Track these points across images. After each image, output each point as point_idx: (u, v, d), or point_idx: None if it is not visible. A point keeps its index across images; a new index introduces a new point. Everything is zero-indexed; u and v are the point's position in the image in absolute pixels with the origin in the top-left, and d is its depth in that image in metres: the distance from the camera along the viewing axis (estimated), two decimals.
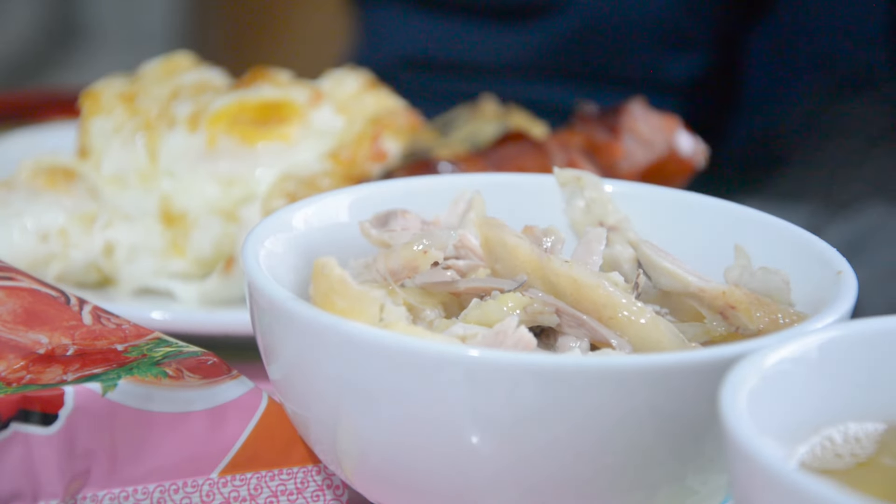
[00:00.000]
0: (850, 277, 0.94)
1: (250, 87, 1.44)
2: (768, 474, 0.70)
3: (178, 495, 0.96)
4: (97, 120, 1.44)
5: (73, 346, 1.00)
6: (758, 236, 1.03)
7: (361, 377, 0.86)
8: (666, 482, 0.88)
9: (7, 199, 1.37)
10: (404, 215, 1.05)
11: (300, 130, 1.40)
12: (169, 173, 1.39)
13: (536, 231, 1.03)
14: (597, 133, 1.41)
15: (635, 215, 1.08)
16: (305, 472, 0.99)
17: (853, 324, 0.84)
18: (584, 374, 0.83)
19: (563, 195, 1.10)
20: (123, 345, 1.01)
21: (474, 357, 0.83)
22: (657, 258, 1.00)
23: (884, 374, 0.84)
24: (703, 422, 0.84)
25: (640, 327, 0.92)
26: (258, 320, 0.94)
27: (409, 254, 0.97)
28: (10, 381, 0.95)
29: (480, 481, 0.87)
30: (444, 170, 1.34)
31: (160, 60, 1.52)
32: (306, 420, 0.93)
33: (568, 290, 0.94)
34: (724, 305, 0.97)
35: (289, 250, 1.01)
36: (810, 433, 0.81)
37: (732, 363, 0.79)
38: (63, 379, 0.95)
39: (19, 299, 1.04)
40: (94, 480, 0.95)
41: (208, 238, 1.35)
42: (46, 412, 0.93)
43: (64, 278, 1.35)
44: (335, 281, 0.90)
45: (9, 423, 0.92)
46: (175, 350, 1.00)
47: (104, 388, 0.94)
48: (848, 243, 0.97)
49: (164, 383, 0.96)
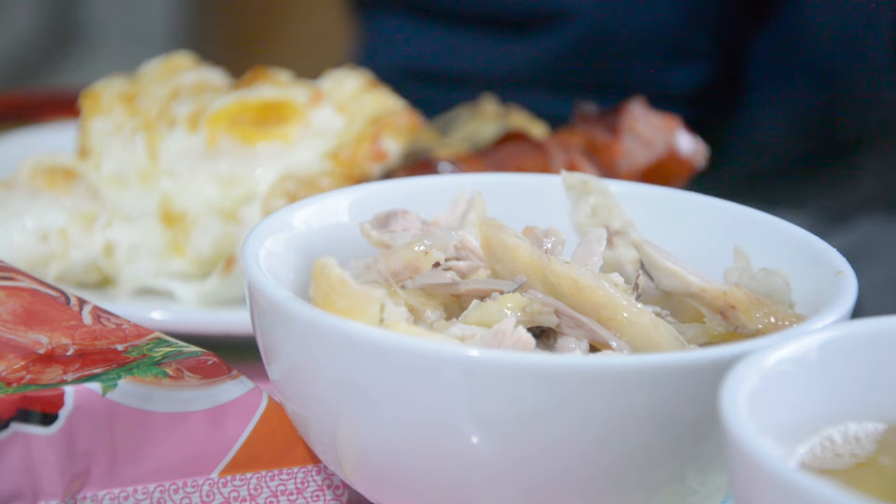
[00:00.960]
0: (850, 277, 0.94)
1: (250, 87, 1.44)
2: (768, 474, 0.70)
3: (178, 495, 0.96)
4: (97, 120, 1.44)
5: (73, 346, 1.00)
6: (758, 236, 1.03)
7: (361, 377, 0.86)
8: (666, 482, 0.88)
9: (7, 199, 1.37)
10: (404, 216, 1.05)
11: (300, 130, 1.40)
12: (169, 173, 1.39)
13: (537, 232, 1.03)
14: (597, 133, 1.41)
15: (635, 215, 1.08)
16: (305, 472, 0.99)
17: (853, 324, 0.84)
18: (584, 375, 0.83)
19: (569, 198, 1.10)
20: (123, 345, 1.01)
21: (474, 357, 0.83)
22: (660, 258, 1.00)
23: (884, 375, 0.84)
24: (703, 422, 0.84)
25: (639, 329, 0.92)
26: (258, 320, 0.94)
27: (410, 254, 0.97)
28: (10, 381, 0.95)
29: (480, 481, 0.87)
30: (444, 170, 1.34)
31: (160, 60, 1.52)
32: (306, 420, 0.93)
33: (568, 291, 0.94)
34: (724, 305, 0.97)
35: (289, 250, 1.01)
36: (810, 433, 0.81)
37: (732, 363, 0.79)
38: (63, 379, 0.95)
39: (19, 299, 1.04)
40: (94, 480, 0.95)
41: (208, 238, 1.35)
42: (46, 412, 0.93)
43: (64, 278, 1.35)
44: (335, 281, 0.90)
45: (9, 423, 0.92)
46: (175, 350, 1.00)
47: (104, 388, 0.94)
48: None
49: (164, 383, 0.96)
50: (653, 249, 1.01)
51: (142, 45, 3.29)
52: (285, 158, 1.39)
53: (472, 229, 1.03)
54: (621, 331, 0.93)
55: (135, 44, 3.46)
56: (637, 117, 1.42)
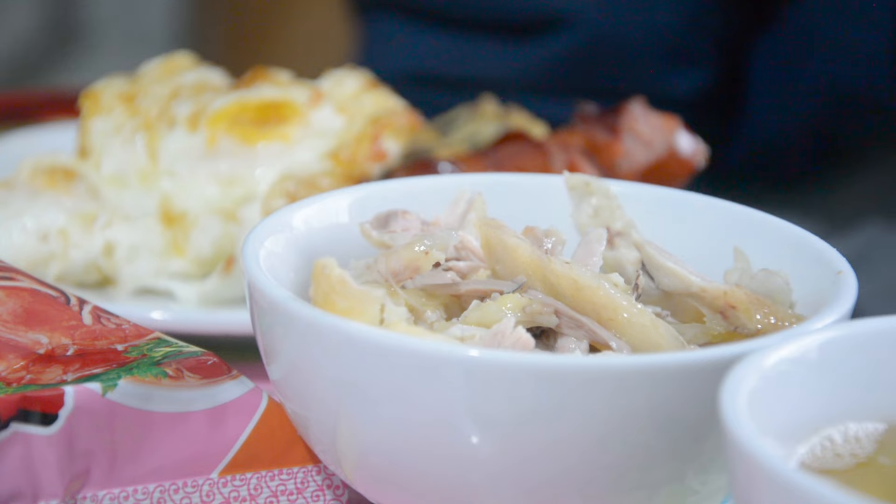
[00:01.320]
0: (850, 277, 0.94)
1: (250, 87, 1.44)
2: (768, 474, 0.70)
3: (178, 495, 0.96)
4: (97, 120, 1.44)
5: (73, 346, 1.00)
6: (758, 236, 1.03)
7: (361, 377, 0.86)
8: (666, 482, 0.88)
9: (7, 199, 1.37)
10: (404, 216, 1.05)
11: (300, 130, 1.40)
12: (169, 173, 1.39)
13: (537, 232, 1.03)
14: (597, 133, 1.41)
15: (636, 215, 1.08)
16: (305, 472, 0.99)
17: (853, 324, 0.84)
18: (584, 375, 0.83)
19: (571, 199, 1.09)
20: (123, 345, 1.01)
21: (474, 357, 0.83)
22: (661, 258, 1.00)
23: (884, 375, 0.84)
24: (703, 422, 0.84)
25: (639, 329, 0.92)
26: (258, 320, 0.94)
27: (410, 254, 0.97)
28: (10, 381, 0.95)
29: (480, 481, 0.87)
30: (444, 170, 1.34)
31: (160, 60, 1.52)
32: (306, 420, 0.93)
33: (568, 291, 0.94)
34: (724, 305, 0.97)
35: (289, 250, 1.01)
36: (810, 433, 0.81)
37: (732, 363, 0.79)
38: (63, 379, 0.95)
39: (19, 299, 1.04)
40: (94, 480, 0.95)
41: (208, 238, 1.35)
42: (46, 412, 0.93)
43: (64, 278, 1.35)
44: (336, 281, 0.90)
45: (9, 423, 0.92)
46: (175, 350, 1.00)
47: (104, 388, 0.94)
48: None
49: (164, 383, 0.96)
50: (654, 250, 1.01)
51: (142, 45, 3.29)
52: (285, 158, 1.39)
53: (472, 229, 1.03)
54: (621, 331, 0.93)
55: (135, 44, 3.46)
56: (637, 117, 1.42)
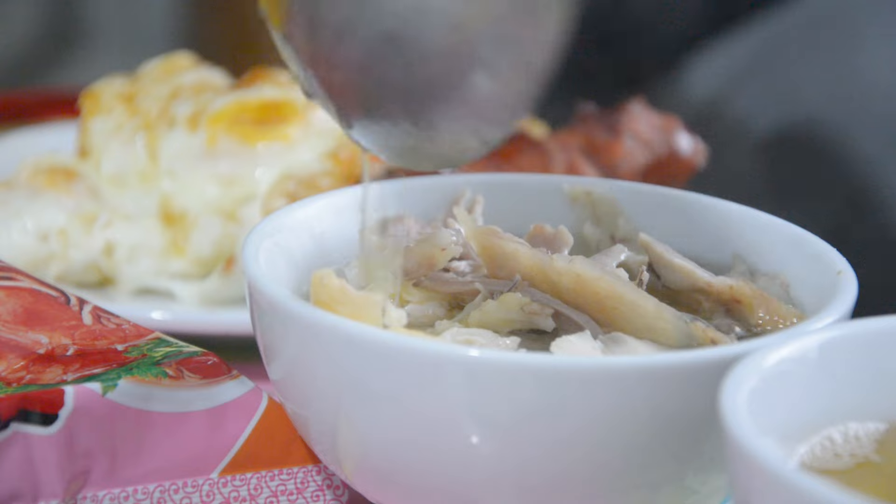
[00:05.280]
0: (850, 277, 0.94)
1: (250, 87, 1.44)
2: (768, 474, 0.70)
3: (178, 495, 0.96)
4: (97, 120, 1.44)
5: (73, 346, 1.00)
6: (758, 236, 1.03)
7: (361, 377, 0.86)
8: (665, 482, 0.88)
9: (7, 199, 1.37)
10: (402, 221, 1.05)
11: (300, 130, 1.40)
12: (169, 173, 1.39)
13: (546, 231, 1.03)
14: (597, 133, 1.41)
15: (636, 215, 1.08)
16: (305, 472, 0.99)
17: (853, 324, 0.84)
18: (584, 374, 0.83)
19: (573, 209, 1.09)
20: (123, 345, 1.01)
21: (474, 357, 0.83)
22: (670, 256, 1.00)
23: (884, 374, 0.84)
24: (703, 422, 0.84)
25: (643, 314, 0.92)
26: (258, 320, 0.94)
27: (426, 250, 0.97)
28: (10, 381, 0.95)
29: (480, 481, 0.87)
30: (444, 169, 1.34)
31: (160, 60, 1.52)
32: (306, 420, 0.93)
33: (570, 286, 0.94)
34: (730, 299, 0.97)
35: (289, 250, 1.01)
36: (810, 433, 0.81)
37: (732, 363, 0.79)
38: (63, 379, 0.95)
39: (19, 299, 1.04)
40: (94, 480, 0.95)
41: (208, 238, 1.35)
42: (46, 412, 0.93)
43: (64, 278, 1.35)
44: (335, 290, 0.90)
45: (9, 423, 0.92)
46: (175, 350, 1.00)
47: (104, 388, 0.94)
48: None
49: (164, 383, 0.96)
50: (663, 248, 1.01)
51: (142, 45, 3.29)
52: (285, 158, 1.38)
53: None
54: (625, 320, 0.92)
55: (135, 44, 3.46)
56: (637, 117, 1.42)
